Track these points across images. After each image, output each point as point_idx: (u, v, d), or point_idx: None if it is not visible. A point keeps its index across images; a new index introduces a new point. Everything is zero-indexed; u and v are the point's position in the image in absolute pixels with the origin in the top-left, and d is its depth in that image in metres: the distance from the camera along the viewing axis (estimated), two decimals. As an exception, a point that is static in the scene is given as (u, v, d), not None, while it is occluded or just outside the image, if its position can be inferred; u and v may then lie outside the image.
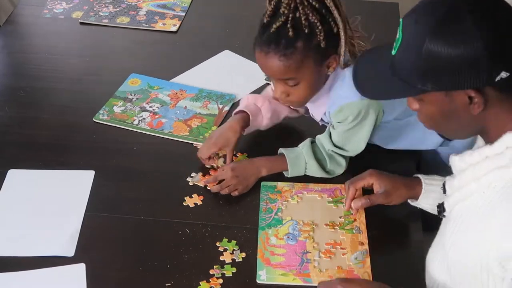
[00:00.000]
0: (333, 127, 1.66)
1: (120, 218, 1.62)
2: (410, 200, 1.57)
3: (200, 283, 1.46)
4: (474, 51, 1.08)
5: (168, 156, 1.81)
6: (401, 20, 1.19)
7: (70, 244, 1.55)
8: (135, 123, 1.89)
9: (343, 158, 1.69)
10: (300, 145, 1.70)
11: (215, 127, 1.87)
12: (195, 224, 1.60)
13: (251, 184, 1.68)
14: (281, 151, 1.70)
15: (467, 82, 1.11)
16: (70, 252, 1.53)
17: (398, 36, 1.18)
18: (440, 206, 1.30)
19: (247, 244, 1.55)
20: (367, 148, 1.68)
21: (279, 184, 1.70)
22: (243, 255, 1.52)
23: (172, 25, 2.32)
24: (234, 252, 1.53)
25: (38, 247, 1.54)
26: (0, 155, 1.81)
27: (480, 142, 1.30)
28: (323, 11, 1.47)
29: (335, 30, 1.49)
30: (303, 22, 1.45)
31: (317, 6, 1.46)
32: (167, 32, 2.29)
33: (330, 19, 1.48)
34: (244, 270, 1.49)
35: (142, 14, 2.37)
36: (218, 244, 1.55)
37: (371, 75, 1.28)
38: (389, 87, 1.21)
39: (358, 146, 1.66)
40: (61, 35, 2.30)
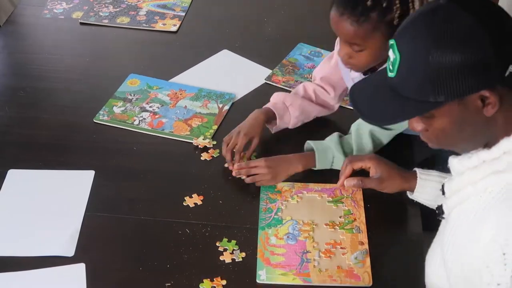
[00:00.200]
0: None
1: (120, 218, 1.62)
2: (408, 193, 1.57)
3: (203, 280, 1.46)
4: (482, 50, 1.07)
5: (168, 156, 1.81)
6: (392, 41, 1.16)
7: (70, 244, 1.55)
8: (135, 123, 1.89)
9: (388, 137, 1.70)
10: (328, 138, 1.71)
11: (216, 126, 1.88)
12: (195, 224, 1.60)
13: (279, 180, 1.69)
14: (309, 144, 1.71)
15: (480, 83, 1.09)
16: (70, 252, 1.53)
17: (394, 57, 1.15)
18: (439, 208, 1.30)
19: (247, 244, 1.55)
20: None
21: (279, 184, 1.69)
22: (243, 255, 1.52)
23: (172, 25, 2.32)
24: (234, 252, 1.53)
25: (38, 247, 1.54)
26: (0, 155, 1.81)
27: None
28: None
29: (411, 12, 1.48)
30: None
31: None
32: (167, 32, 2.29)
33: (409, 1, 1.48)
34: (244, 270, 1.49)
35: (142, 14, 2.37)
36: (218, 244, 1.55)
37: (372, 102, 1.24)
38: (399, 110, 1.17)
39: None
40: (61, 36, 2.30)
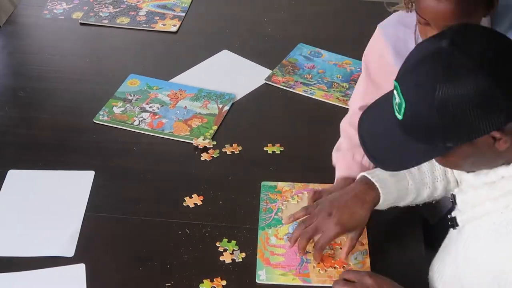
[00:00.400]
0: None
1: (120, 218, 1.62)
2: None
3: (203, 280, 1.46)
4: (485, 91, 1.04)
5: (168, 156, 1.81)
6: (396, 83, 1.13)
7: (70, 244, 1.55)
8: (135, 123, 1.89)
9: None
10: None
11: (216, 127, 1.88)
12: (195, 224, 1.60)
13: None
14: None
15: (488, 126, 1.06)
16: (70, 252, 1.53)
17: (399, 100, 1.12)
18: (453, 220, 1.28)
19: (247, 244, 1.55)
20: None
21: (279, 184, 1.69)
22: (243, 255, 1.52)
23: (172, 25, 2.32)
24: (234, 252, 1.53)
25: (38, 247, 1.54)
26: (0, 155, 1.80)
27: None
28: None
29: None
30: None
31: None
32: (167, 32, 2.29)
33: None
34: (244, 270, 1.49)
35: (142, 14, 2.37)
36: (218, 244, 1.55)
37: (383, 145, 1.20)
38: (408, 154, 1.15)
39: None
40: (61, 36, 2.29)
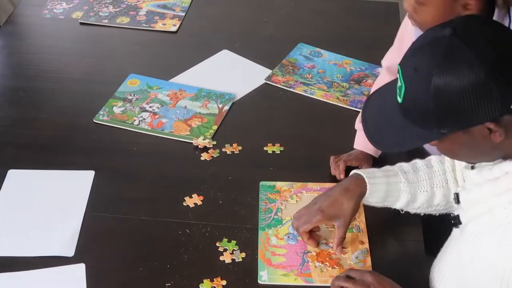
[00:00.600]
0: None
1: (120, 218, 1.62)
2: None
3: (203, 280, 1.46)
4: (481, 82, 1.05)
5: (168, 156, 1.81)
6: (398, 67, 1.15)
7: (70, 244, 1.55)
8: (135, 123, 1.89)
9: None
10: None
11: (216, 127, 1.87)
12: (195, 224, 1.60)
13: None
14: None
15: (482, 115, 1.07)
16: (70, 252, 1.53)
17: (400, 84, 1.15)
18: (456, 218, 1.28)
19: (247, 244, 1.55)
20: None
21: (278, 184, 1.69)
22: (243, 255, 1.52)
23: (172, 25, 2.31)
24: (234, 252, 1.53)
25: (38, 247, 1.54)
26: (0, 155, 1.80)
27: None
28: None
29: None
30: None
31: None
32: (167, 32, 2.29)
33: None
34: (244, 270, 1.49)
35: (142, 14, 2.37)
36: (218, 244, 1.55)
37: (382, 127, 1.23)
38: (404, 136, 1.17)
39: None
40: (61, 36, 2.29)
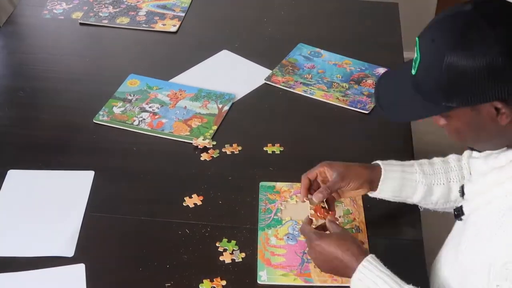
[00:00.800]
0: None
1: (120, 218, 1.62)
2: (370, 192, 1.51)
3: (203, 280, 1.46)
4: (494, 61, 1.06)
5: (168, 156, 1.81)
6: (417, 39, 1.18)
7: (70, 244, 1.55)
8: (135, 123, 1.89)
9: None
10: None
11: (215, 127, 1.88)
12: (195, 224, 1.60)
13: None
14: None
15: (492, 94, 1.09)
16: (70, 252, 1.53)
17: (416, 55, 1.17)
18: (459, 210, 1.29)
19: (246, 244, 1.55)
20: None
21: (278, 184, 1.69)
22: (243, 255, 1.52)
23: (171, 25, 2.31)
24: (233, 252, 1.53)
25: (38, 247, 1.54)
26: (0, 155, 1.81)
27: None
28: None
29: None
30: None
31: None
32: (166, 32, 2.29)
33: None
34: (244, 270, 1.49)
35: (141, 14, 2.37)
36: (218, 244, 1.55)
37: (393, 98, 1.26)
38: (414, 107, 1.20)
39: None
40: (61, 36, 2.29)
